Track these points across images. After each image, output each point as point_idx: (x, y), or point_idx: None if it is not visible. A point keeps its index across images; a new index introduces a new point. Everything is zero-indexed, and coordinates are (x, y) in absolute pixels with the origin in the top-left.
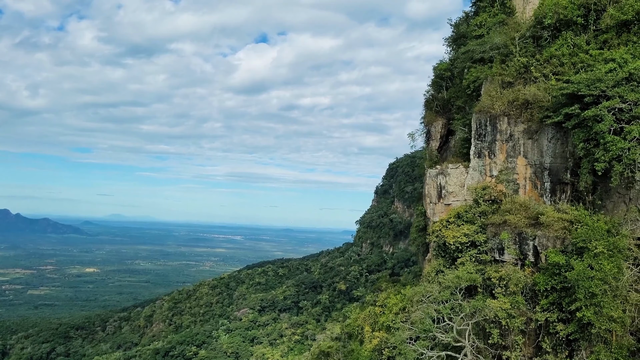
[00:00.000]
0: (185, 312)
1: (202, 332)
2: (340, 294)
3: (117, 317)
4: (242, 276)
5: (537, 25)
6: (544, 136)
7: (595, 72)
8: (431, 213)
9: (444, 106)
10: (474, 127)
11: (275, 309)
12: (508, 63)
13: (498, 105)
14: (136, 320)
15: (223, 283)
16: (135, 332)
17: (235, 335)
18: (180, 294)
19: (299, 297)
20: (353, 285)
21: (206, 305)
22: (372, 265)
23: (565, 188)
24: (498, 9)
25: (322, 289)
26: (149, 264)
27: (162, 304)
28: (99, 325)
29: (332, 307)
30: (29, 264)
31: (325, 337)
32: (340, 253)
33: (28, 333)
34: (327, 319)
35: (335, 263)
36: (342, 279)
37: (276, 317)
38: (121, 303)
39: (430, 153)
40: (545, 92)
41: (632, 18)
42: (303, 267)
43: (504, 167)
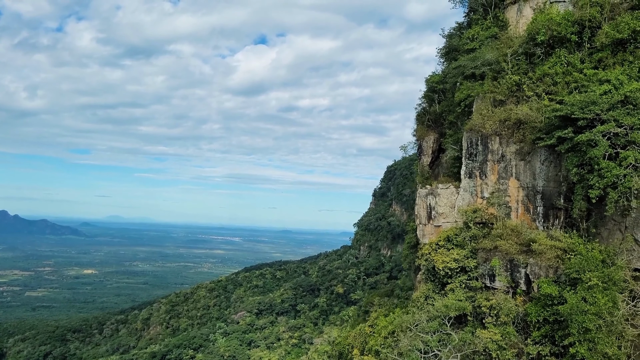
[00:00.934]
0: (182, 315)
1: (199, 336)
2: (338, 297)
3: (114, 319)
4: (239, 279)
5: (529, 42)
6: (537, 158)
7: (589, 94)
8: (421, 234)
9: (436, 120)
10: (464, 145)
11: (273, 312)
12: (500, 80)
13: (489, 124)
14: (133, 323)
15: (221, 286)
16: (133, 335)
17: (232, 339)
18: (178, 296)
19: (297, 300)
20: (351, 289)
21: (204, 308)
22: (370, 268)
23: (559, 213)
24: (491, 21)
25: (320, 292)
26: (147, 266)
27: (159, 306)
28: (96, 328)
29: (330, 311)
30: (27, 266)
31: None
32: (338, 256)
33: (25, 336)
34: (324, 322)
35: (333, 266)
36: (339, 282)
37: (274, 320)
38: (119, 305)
39: (422, 168)
40: (537, 113)
41: (628, 37)
42: (301, 270)
43: (496, 189)
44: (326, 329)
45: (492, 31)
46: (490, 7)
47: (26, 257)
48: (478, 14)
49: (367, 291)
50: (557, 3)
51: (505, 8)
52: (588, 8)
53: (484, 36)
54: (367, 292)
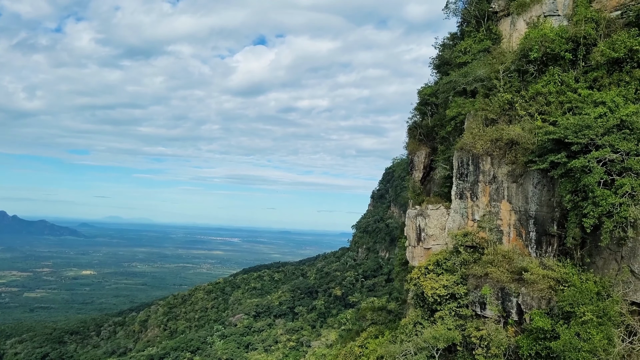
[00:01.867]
0: (180, 317)
1: (196, 338)
2: (335, 300)
3: (111, 321)
4: (237, 281)
5: (522, 59)
6: (529, 181)
7: (583, 117)
8: (410, 256)
9: (428, 134)
10: (455, 165)
11: (271, 315)
12: (492, 97)
13: (480, 144)
14: (131, 325)
15: (218, 288)
16: (130, 337)
17: (230, 341)
18: (176, 298)
19: (295, 302)
20: (349, 291)
21: (201, 310)
22: (368, 270)
23: (552, 240)
24: (483, 34)
25: (318, 295)
26: (146, 267)
27: (157, 308)
28: (94, 330)
29: (328, 313)
30: (26, 266)
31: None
32: (337, 258)
33: (22, 338)
34: (322, 325)
35: (331, 268)
36: (337, 285)
37: (271, 322)
38: (117, 306)
39: (413, 184)
40: (530, 134)
41: (624, 56)
42: (299, 272)
43: (487, 212)
44: (324, 332)
45: (485, 44)
46: (483, 19)
47: (24, 257)
48: (471, 25)
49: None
50: (552, 17)
51: (498, 21)
52: (583, 24)
53: (476, 49)
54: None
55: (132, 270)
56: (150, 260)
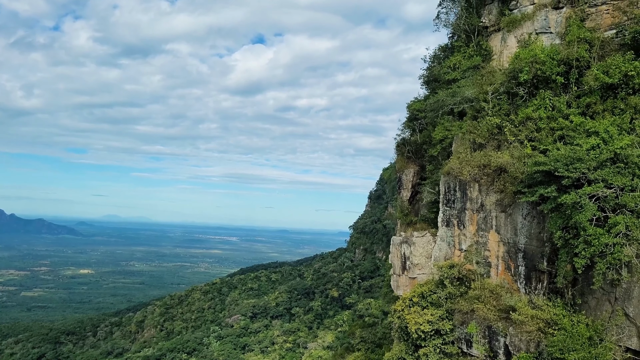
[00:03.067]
0: (177, 318)
1: (193, 339)
2: (332, 301)
3: (108, 322)
4: (234, 281)
5: (512, 80)
6: (518, 212)
7: (575, 149)
8: (395, 285)
9: (416, 151)
10: (442, 190)
11: (267, 316)
12: (480, 120)
13: (467, 170)
14: (127, 325)
15: (215, 288)
16: (127, 338)
17: (226, 343)
18: (172, 299)
19: (291, 303)
20: (346, 292)
21: (198, 311)
22: (365, 271)
23: (542, 277)
24: (473, 50)
25: (315, 296)
26: (144, 266)
27: (153, 309)
28: (90, 331)
29: (325, 315)
30: (23, 265)
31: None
32: (334, 259)
33: (18, 338)
34: (319, 326)
35: (328, 269)
36: (334, 286)
37: (268, 323)
38: (115, 305)
39: (401, 204)
40: (519, 161)
41: (619, 82)
42: (296, 273)
43: (474, 241)
44: (320, 334)
45: (475, 61)
46: (473, 33)
47: (22, 256)
48: (460, 40)
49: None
50: (543, 34)
51: (489, 36)
52: (576, 45)
53: (465, 66)
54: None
55: (130, 269)
56: (148, 259)
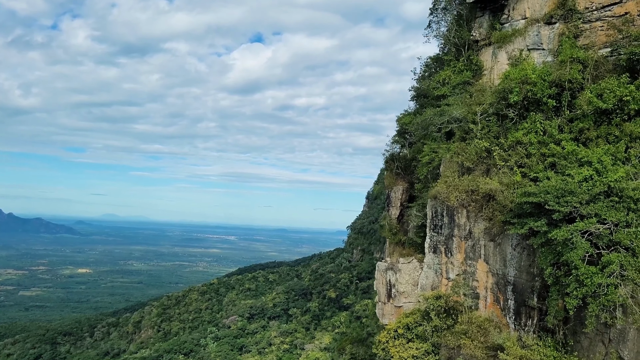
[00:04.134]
0: (174, 319)
1: (190, 340)
2: (330, 302)
3: (105, 322)
4: (232, 282)
5: (501, 101)
6: (508, 242)
7: (567, 180)
8: (380, 313)
9: (406, 167)
10: (429, 214)
11: (265, 317)
12: (469, 142)
13: (454, 195)
14: (125, 326)
15: (213, 289)
16: (124, 339)
17: (223, 344)
18: (170, 299)
19: (289, 304)
20: (343, 293)
21: (195, 312)
22: (363, 272)
23: (532, 313)
24: (463, 64)
25: (312, 296)
26: (142, 265)
27: (151, 309)
28: (87, 331)
29: (322, 316)
30: (21, 265)
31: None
32: (331, 259)
33: (15, 339)
34: (316, 327)
35: (325, 270)
36: (332, 287)
37: (265, 324)
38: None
39: (389, 222)
40: (508, 189)
41: (613, 107)
42: (294, 273)
43: (462, 270)
44: (318, 335)
45: (465, 76)
46: (464, 47)
47: (20, 256)
48: (450, 54)
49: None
50: (535, 51)
51: (479, 50)
52: (568, 66)
53: (455, 81)
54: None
55: (128, 269)
56: (147, 258)
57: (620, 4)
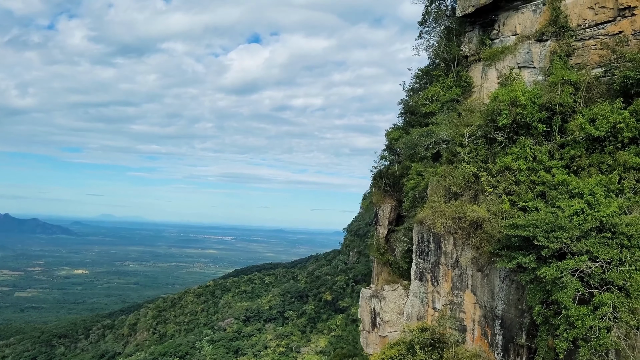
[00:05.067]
0: (169, 321)
1: (185, 343)
2: (326, 305)
3: (100, 324)
4: (228, 284)
5: (489, 124)
6: (496, 273)
7: (557, 214)
8: (364, 342)
9: (394, 184)
10: (415, 240)
11: (261, 319)
12: (456, 165)
13: (441, 222)
14: (120, 328)
15: (209, 291)
16: (119, 341)
17: (219, 347)
18: (165, 301)
19: (285, 307)
20: (339, 296)
21: (191, 314)
22: (359, 275)
23: (521, 351)
24: (453, 81)
25: (308, 299)
26: (139, 266)
27: (146, 311)
28: (83, 333)
29: (318, 318)
30: (17, 265)
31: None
32: (327, 261)
33: (10, 341)
34: (312, 330)
35: (321, 272)
36: (328, 289)
37: (261, 327)
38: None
39: (377, 241)
40: (496, 217)
41: (607, 134)
42: (290, 275)
43: (449, 301)
44: (314, 338)
45: (454, 93)
46: (453, 62)
47: (16, 256)
48: (440, 69)
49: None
50: (526, 69)
51: (469, 66)
52: (559, 88)
53: (444, 98)
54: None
55: (124, 270)
56: (143, 259)
57: (614, 22)
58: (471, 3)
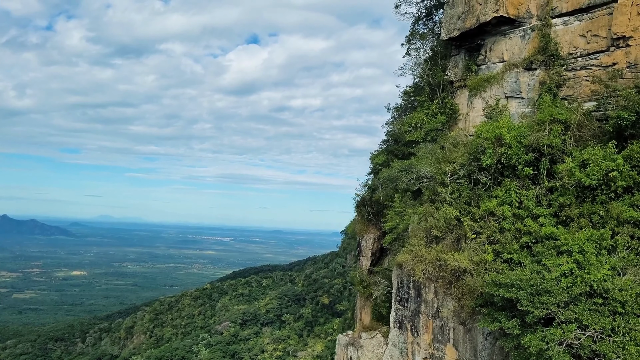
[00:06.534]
0: (166, 324)
1: (181, 347)
2: (323, 308)
3: (97, 328)
4: (225, 287)
5: (473, 163)
6: (479, 329)
7: (543, 275)
8: None
9: (378, 212)
10: (394, 283)
11: (258, 323)
12: (438, 205)
13: (420, 268)
14: (117, 331)
15: (206, 294)
16: (116, 344)
17: (215, 350)
18: (162, 304)
19: (282, 310)
20: (336, 299)
21: (188, 317)
22: None
23: None
24: (437, 107)
25: (306, 302)
26: (137, 267)
27: (143, 315)
28: (79, 337)
29: (315, 322)
30: (15, 267)
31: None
32: (325, 264)
33: (6, 344)
34: (309, 334)
35: (319, 275)
36: (325, 292)
37: (258, 331)
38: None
39: (360, 273)
40: (479, 268)
41: (599, 183)
42: (287, 278)
43: (430, 354)
44: (310, 342)
45: (439, 121)
46: (438, 87)
47: (14, 257)
48: (424, 94)
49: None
50: (514, 99)
51: (454, 92)
52: (547, 127)
53: (428, 127)
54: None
55: (122, 271)
56: (142, 260)
57: (607, 52)
58: (456, 26)
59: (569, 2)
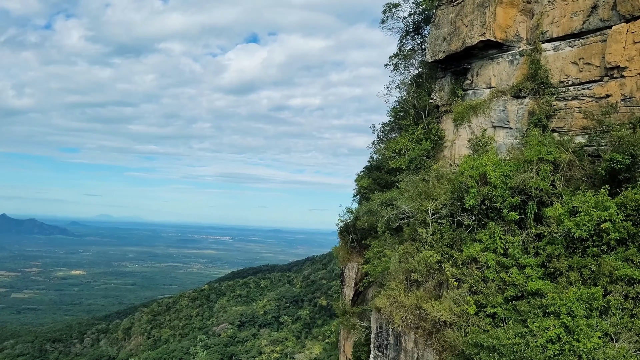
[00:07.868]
0: (164, 325)
1: (179, 349)
2: (321, 310)
3: (95, 329)
4: (223, 288)
5: (456, 202)
6: None
7: (527, 340)
8: None
9: (362, 239)
10: (373, 328)
11: (255, 324)
12: (418, 247)
13: (400, 315)
14: (114, 332)
15: (203, 295)
16: (114, 346)
17: (213, 352)
18: (160, 305)
19: (280, 311)
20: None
21: (186, 318)
22: None
23: None
24: (422, 132)
25: (304, 304)
26: (136, 266)
27: (141, 316)
28: (77, 337)
29: (313, 324)
30: (14, 266)
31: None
32: (323, 265)
33: (4, 345)
34: (307, 336)
35: (317, 276)
36: (323, 294)
37: (256, 332)
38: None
39: (343, 303)
40: (460, 321)
41: (590, 234)
42: (285, 279)
43: None
44: (308, 344)
45: (424, 147)
46: (424, 110)
47: (13, 257)
48: (409, 117)
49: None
50: (501, 129)
51: (440, 117)
52: (535, 168)
53: (413, 154)
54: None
55: (122, 270)
56: (141, 259)
57: (600, 82)
58: (441, 48)
59: (560, 27)
